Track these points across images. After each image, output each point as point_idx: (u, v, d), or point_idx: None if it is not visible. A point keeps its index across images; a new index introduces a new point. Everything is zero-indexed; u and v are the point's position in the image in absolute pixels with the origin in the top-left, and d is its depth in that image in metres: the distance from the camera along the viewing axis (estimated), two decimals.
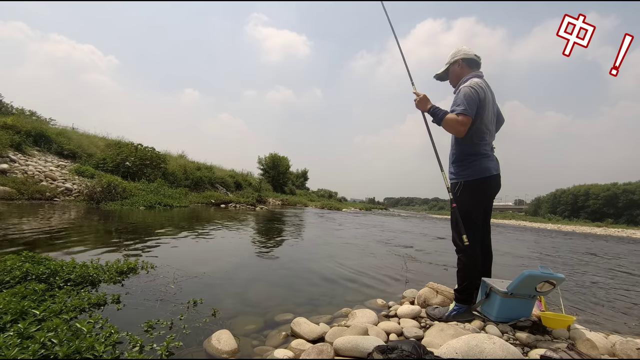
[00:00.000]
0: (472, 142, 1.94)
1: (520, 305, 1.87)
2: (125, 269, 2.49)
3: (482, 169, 1.94)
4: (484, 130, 1.94)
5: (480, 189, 1.97)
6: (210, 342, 1.48)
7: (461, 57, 2.02)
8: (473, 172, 1.94)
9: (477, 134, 1.93)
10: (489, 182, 1.97)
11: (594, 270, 4.90)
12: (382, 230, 9.21)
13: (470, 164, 1.95)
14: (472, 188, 1.95)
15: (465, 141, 1.96)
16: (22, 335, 1.21)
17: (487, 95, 1.92)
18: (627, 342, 1.57)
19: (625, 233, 23.90)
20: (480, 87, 1.87)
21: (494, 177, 1.98)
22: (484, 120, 1.93)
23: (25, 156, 10.11)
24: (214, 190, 17.00)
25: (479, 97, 1.84)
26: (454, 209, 1.96)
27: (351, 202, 62.64)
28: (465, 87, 1.88)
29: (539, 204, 70.67)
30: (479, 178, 1.94)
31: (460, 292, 1.98)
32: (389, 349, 1.27)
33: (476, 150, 1.95)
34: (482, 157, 1.95)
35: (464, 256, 1.96)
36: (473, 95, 1.82)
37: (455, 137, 2.02)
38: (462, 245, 1.90)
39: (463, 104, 1.81)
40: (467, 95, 1.83)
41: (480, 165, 1.94)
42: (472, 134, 1.92)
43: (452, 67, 2.08)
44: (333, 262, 3.82)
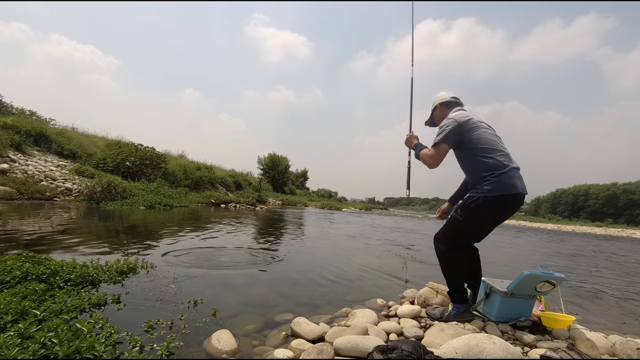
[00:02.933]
0: (479, 160, 1.86)
1: (520, 305, 1.87)
2: (125, 269, 2.49)
3: (508, 185, 1.77)
4: (487, 145, 1.86)
5: (501, 207, 1.83)
6: (210, 342, 1.48)
7: (439, 102, 2.15)
8: (496, 187, 1.77)
9: (480, 151, 1.86)
10: (514, 200, 1.82)
11: (594, 270, 4.90)
12: (382, 230, 9.20)
13: (493, 179, 1.79)
14: (492, 206, 1.81)
15: (472, 163, 1.90)
16: (22, 335, 1.21)
17: (470, 118, 1.92)
18: (627, 342, 1.57)
19: (625, 233, 23.90)
20: (459, 117, 1.93)
21: (520, 195, 1.82)
22: (482, 136, 1.88)
23: (25, 156, 10.11)
24: (214, 190, 17.01)
25: (457, 123, 1.90)
26: (454, 218, 1.93)
27: (351, 202, 62.63)
28: (445, 119, 2.00)
29: (539, 203, 70.68)
30: (502, 195, 1.78)
31: (451, 294, 2.00)
32: (389, 349, 1.27)
33: (490, 165, 1.82)
34: (505, 171, 1.79)
35: (441, 258, 2.00)
36: (450, 124, 1.91)
37: (462, 162, 2.01)
38: (440, 247, 1.98)
39: (439, 135, 1.94)
40: (443, 126, 1.95)
41: (505, 180, 1.78)
42: (474, 154, 1.88)
43: (435, 113, 2.21)
44: (333, 262, 3.82)
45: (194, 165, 18.31)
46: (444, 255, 1.98)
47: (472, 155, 1.90)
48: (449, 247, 1.96)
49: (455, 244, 1.95)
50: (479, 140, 1.88)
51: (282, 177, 33.52)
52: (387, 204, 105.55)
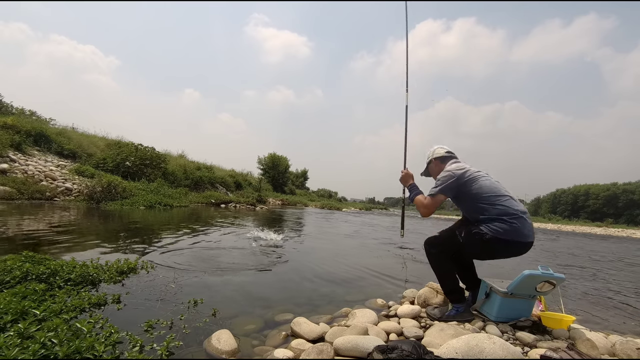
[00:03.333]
0: (484, 206, 1.87)
1: (520, 305, 1.87)
2: (125, 269, 2.49)
3: (522, 233, 1.79)
4: (490, 192, 1.87)
5: (508, 250, 1.85)
6: (210, 342, 1.48)
7: (433, 157, 2.22)
8: (509, 231, 1.78)
9: (485, 199, 1.87)
10: (523, 247, 1.85)
11: (594, 270, 4.90)
12: (382, 230, 9.20)
13: (506, 223, 1.80)
14: (499, 246, 1.82)
15: (477, 210, 1.90)
16: (22, 335, 1.21)
17: (467, 170, 1.97)
18: (627, 342, 1.57)
19: (625, 233, 23.90)
20: (456, 169, 1.98)
21: (530, 244, 1.85)
22: (482, 185, 1.90)
23: (25, 156, 10.12)
24: (214, 190, 17.01)
25: (455, 176, 1.94)
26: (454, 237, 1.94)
27: (351, 202, 62.62)
28: (443, 171, 2.05)
29: (539, 203, 70.70)
30: (514, 240, 1.80)
31: (447, 294, 2.02)
32: (389, 349, 1.27)
33: (499, 210, 1.82)
34: (518, 216, 1.81)
35: (431, 260, 2.05)
36: (447, 176, 1.97)
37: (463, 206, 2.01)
38: (430, 250, 2.02)
39: (436, 187, 1.99)
40: (441, 178, 2.00)
41: (518, 227, 1.79)
42: (478, 202, 1.89)
43: (430, 166, 2.27)
44: (333, 262, 3.82)
45: (194, 165, 18.30)
46: (434, 258, 2.03)
47: (475, 203, 1.91)
48: (439, 251, 2.01)
49: (447, 251, 2.00)
50: (480, 190, 1.90)
51: (282, 177, 33.52)
52: (387, 204, 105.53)
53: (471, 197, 1.92)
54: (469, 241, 1.89)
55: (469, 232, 1.90)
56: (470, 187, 1.93)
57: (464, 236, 1.92)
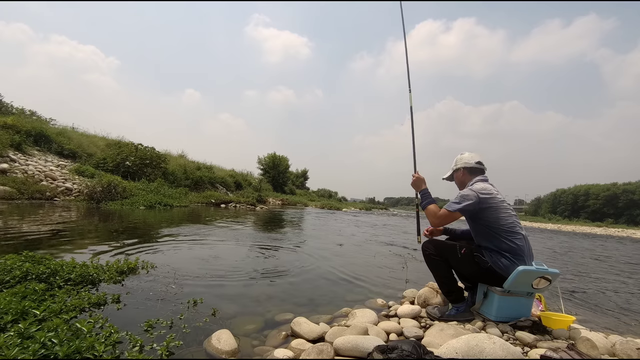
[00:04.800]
0: (498, 238, 1.84)
1: (519, 304, 1.87)
2: (125, 269, 2.49)
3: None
4: (508, 227, 1.83)
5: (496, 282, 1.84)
6: (210, 341, 1.48)
7: (462, 166, 2.12)
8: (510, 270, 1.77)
9: (501, 232, 1.83)
10: None
11: (595, 270, 4.90)
12: (382, 230, 9.20)
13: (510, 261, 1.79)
14: (496, 278, 1.82)
15: (489, 237, 1.87)
16: (22, 335, 1.21)
17: (493, 197, 1.88)
18: (627, 342, 1.57)
19: (626, 233, 23.89)
20: (482, 193, 1.89)
21: None
22: (502, 216, 1.84)
23: (25, 156, 10.12)
24: (214, 190, 17.01)
25: (479, 199, 1.86)
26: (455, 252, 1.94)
27: (351, 202, 62.61)
28: (468, 188, 1.97)
29: (539, 203, 70.68)
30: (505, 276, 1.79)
31: (446, 295, 2.03)
32: (389, 349, 1.27)
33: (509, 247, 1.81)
34: (523, 258, 1.80)
35: (427, 261, 2.06)
36: (471, 199, 1.87)
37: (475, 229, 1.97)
38: (426, 250, 2.03)
39: (457, 201, 1.92)
40: (464, 195, 1.91)
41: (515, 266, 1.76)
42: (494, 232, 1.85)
43: (456, 174, 2.18)
44: (333, 262, 3.82)
45: (194, 165, 18.31)
46: (430, 259, 2.04)
47: (488, 231, 1.88)
48: (435, 254, 2.01)
49: (442, 257, 2.00)
50: (498, 220, 1.84)
51: (282, 177, 33.53)
52: (387, 203, 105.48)
53: (487, 223, 1.87)
54: (468, 262, 1.90)
55: (469, 253, 1.90)
56: (489, 214, 1.86)
57: (464, 254, 1.91)
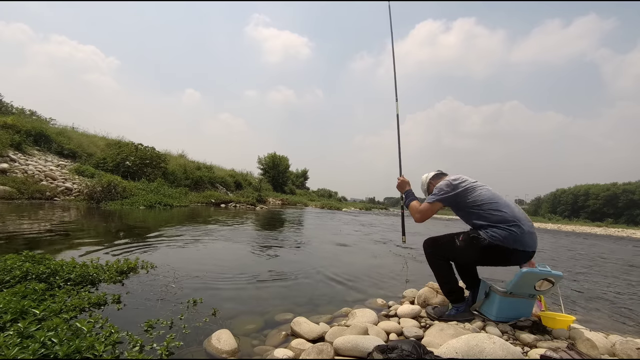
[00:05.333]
0: (484, 214, 1.87)
1: (520, 304, 1.87)
2: (125, 269, 2.49)
3: (520, 241, 1.78)
4: (490, 200, 1.88)
5: (506, 257, 1.82)
6: (210, 341, 1.48)
7: (428, 180, 2.27)
8: (508, 239, 1.77)
9: (485, 208, 1.87)
10: (523, 256, 1.82)
11: (595, 269, 4.90)
12: (381, 230, 9.21)
13: (505, 230, 1.79)
14: (496, 253, 1.81)
15: (478, 217, 1.90)
16: (22, 334, 1.21)
17: (464, 180, 2.01)
18: (627, 342, 1.57)
19: (625, 233, 23.90)
20: (453, 179, 2.03)
21: (530, 253, 1.83)
22: (481, 194, 1.92)
23: (25, 156, 10.12)
24: (214, 189, 17.01)
25: (452, 185, 1.99)
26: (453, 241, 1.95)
27: (351, 201, 62.58)
28: (441, 181, 2.10)
29: (539, 203, 70.71)
30: (513, 248, 1.78)
31: (446, 295, 2.02)
32: (389, 349, 1.27)
33: (498, 218, 1.82)
34: (517, 223, 1.80)
35: (429, 261, 2.06)
36: (445, 184, 2.02)
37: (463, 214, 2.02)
38: (428, 250, 2.04)
39: (434, 194, 2.04)
40: (439, 187, 2.05)
41: (517, 234, 1.77)
42: (478, 211, 1.89)
43: (430, 188, 2.27)
44: (333, 261, 3.82)
45: (194, 165, 18.30)
46: (432, 258, 2.04)
47: (474, 211, 1.91)
48: (436, 252, 2.02)
49: (444, 253, 2.00)
50: (478, 197, 1.91)
51: (282, 177, 33.53)
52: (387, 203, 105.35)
53: (469, 205, 1.94)
54: (467, 246, 1.90)
55: (467, 237, 1.91)
56: (468, 196, 1.95)
57: (462, 240, 1.92)
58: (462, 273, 2.15)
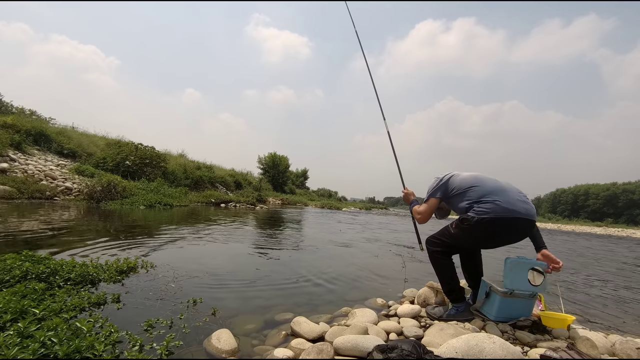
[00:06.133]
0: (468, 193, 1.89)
1: (520, 304, 1.87)
2: (125, 268, 2.49)
3: (506, 209, 1.73)
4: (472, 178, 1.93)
5: (499, 230, 1.78)
6: (210, 341, 1.48)
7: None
8: (493, 209, 1.74)
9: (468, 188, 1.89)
10: (516, 224, 1.77)
11: (594, 270, 4.91)
12: (381, 229, 9.21)
13: (489, 202, 1.77)
14: (488, 229, 1.77)
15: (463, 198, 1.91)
16: (22, 334, 1.21)
17: (450, 172, 2.07)
18: (626, 342, 1.57)
19: (625, 233, 23.91)
20: (439, 175, 2.10)
21: (522, 220, 1.76)
22: (463, 177, 1.97)
23: (25, 155, 10.11)
24: (214, 189, 17.01)
25: (439, 178, 2.07)
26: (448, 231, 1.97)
27: (351, 201, 62.61)
28: None
29: (539, 203, 70.76)
30: (499, 217, 1.73)
31: (447, 294, 2.02)
32: (388, 348, 1.27)
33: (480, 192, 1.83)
34: (502, 192, 1.78)
35: (431, 259, 2.06)
36: (433, 181, 2.09)
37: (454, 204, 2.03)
38: (429, 247, 2.05)
39: (427, 194, 2.10)
40: (430, 185, 2.11)
41: (503, 203, 1.74)
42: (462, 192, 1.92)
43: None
44: (333, 261, 3.82)
45: (194, 164, 18.30)
46: (434, 256, 2.04)
47: (460, 196, 1.94)
48: (437, 249, 2.02)
49: (446, 250, 2.00)
50: (461, 182, 1.95)
51: (282, 176, 33.53)
52: (387, 203, 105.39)
53: (455, 192, 1.97)
54: (460, 231, 1.90)
55: (458, 222, 1.92)
56: (454, 183, 1.99)
57: (455, 227, 1.94)
58: (466, 268, 2.14)
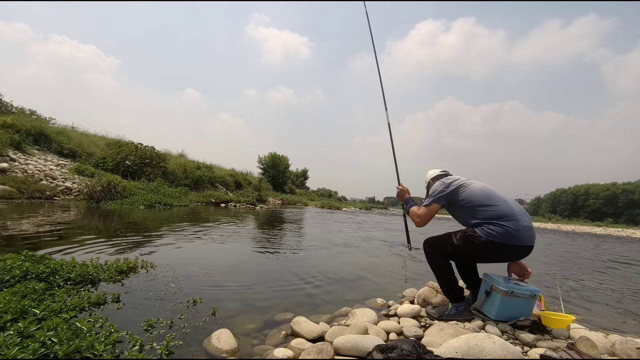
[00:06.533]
0: (478, 210, 1.89)
1: (521, 304, 1.87)
2: (125, 268, 2.49)
3: (515, 236, 1.80)
4: (482, 196, 1.90)
5: (503, 253, 1.86)
6: (210, 341, 1.48)
7: (430, 178, 2.29)
8: (502, 234, 1.79)
9: (477, 205, 1.89)
10: (518, 250, 1.86)
11: (594, 270, 4.91)
12: (381, 229, 9.21)
13: (499, 226, 1.80)
14: (493, 250, 1.84)
15: (470, 214, 1.92)
16: (22, 334, 1.21)
17: (457, 179, 2.05)
18: (626, 342, 1.57)
19: (625, 233, 23.91)
20: (446, 179, 2.08)
21: (525, 247, 1.86)
22: (472, 191, 1.94)
23: (25, 155, 10.11)
24: (214, 189, 17.01)
25: (445, 184, 2.03)
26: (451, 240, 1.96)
27: (351, 201, 62.60)
28: (435, 184, 2.14)
29: (539, 203, 70.76)
30: (507, 244, 1.80)
31: (446, 294, 2.03)
32: (388, 348, 1.27)
33: (491, 214, 1.84)
34: (511, 219, 1.81)
35: (429, 260, 2.06)
36: (438, 184, 2.06)
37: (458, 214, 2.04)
38: (428, 249, 2.04)
39: (430, 197, 2.06)
40: (433, 189, 2.08)
41: (511, 230, 1.79)
42: (471, 207, 1.91)
43: (428, 187, 2.33)
44: (332, 261, 3.82)
45: (194, 164, 18.30)
46: (431, 257, 2.05)
47: (467, 209, 1.93)
48: (435, 251, 2.02)
49: (442, 251, 2.01)
50: (471, 194, 1.93)
51: (282, 176, 33.52)
52: (387, 203, 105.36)
53: (463, 203, 1.95)
54: (464, 244, 1.90)
55: (463, 235, 1.91)
56: (460, 193, 1.97)
57: (459, 239, 1.93)
58: (462, 272, 2.15)
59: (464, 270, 2.15)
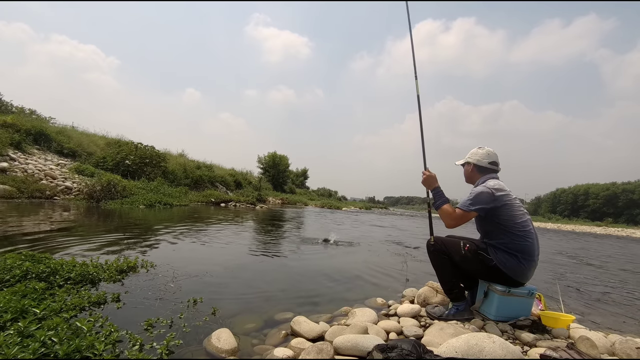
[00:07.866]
0: (510, 235, 1.84)
1: (520, 304, 1.87)
2: (125, 268, 2.49)
3: (525, 275, 1.83)
4: (520, 225, 1.84)
5: (504, 280, 1.86)
6: (210, 340, 1.48)
7: (473, 162, 2.06)
8: (515, 269, 1.81)
9: (512, 229, 1.83)
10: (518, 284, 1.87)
11: (594, 269, 4.91)
12: (381, 229, 9.21)
13: (518, 261, 1.80)
14: (499, 275, 1.85)
15: (501, 235, 1.87)
16: (22, 333, 1.21)
17: (507, 194, 1.88)
18: (626, 342, 1.57)
19: (625, 232, 23.92)
20: (497, 190, 1.87)
21: (522, 283, 1.89)
22: (515, 214, 1.84)
23: (25, 155, 10.10)
24: (214, 189, 17.00)
25: (494, 197, 1.85)
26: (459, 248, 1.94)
27: (351, 201, 62.61)
28: (481, 185, 1.94)
29: (539, 203, 70.80)
30: (514, 279, 1.83)
31: (447, 293, 2.02)
32: (388, 348, 1.27)
33: (521, 247, 1.82)
34: (531, 260, 1.82)
35: (431, 258, 2.06)
36: (487, 194, 1.85)
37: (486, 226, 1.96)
38: (430, 248, 2.03)
39: (471, 200, 1.89)
40: (479, 193, 1.88)
41: (524, 269, 1.81)
42: (505, 229, 1.85)
43: (466, 166, 2.13)
44: (332, 260, 3.82)
45: (194, 164, 18.30)
46: (434, 256, 2.04)
47: (499, 229, 1.87)
48: (438, 250, 2.01)
49: (445, 253, 2.00)
50: (511, 219, 1.84)
51: (282, 176, 33.51)
52: (387, 202, 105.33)
53: (500, 221, 1.87)
54: (472, 258, 1.90)
55: (474, 250, 1.90)
56: (503, 212, 1.85)
57: (468, 250, 1.91)
58: (462, 276, 2.15)
59: (463, 276, 2.13)
